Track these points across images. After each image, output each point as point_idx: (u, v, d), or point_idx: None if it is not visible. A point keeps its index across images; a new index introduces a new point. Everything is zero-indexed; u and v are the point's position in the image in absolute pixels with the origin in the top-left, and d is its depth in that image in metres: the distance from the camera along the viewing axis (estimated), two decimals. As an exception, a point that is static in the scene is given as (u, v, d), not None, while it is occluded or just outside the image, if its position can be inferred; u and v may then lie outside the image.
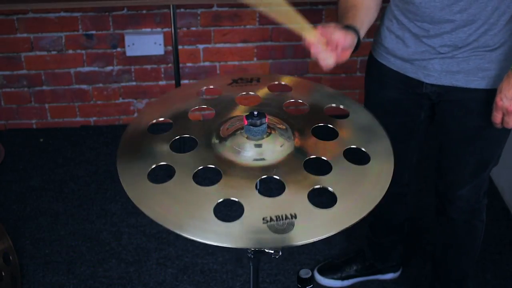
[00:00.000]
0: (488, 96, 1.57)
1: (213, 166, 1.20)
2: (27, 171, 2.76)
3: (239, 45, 2.95)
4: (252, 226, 1.08)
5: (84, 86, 2.99)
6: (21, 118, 3.05)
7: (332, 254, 2.32)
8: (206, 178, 1.18)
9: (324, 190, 1.16)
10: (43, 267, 2.26)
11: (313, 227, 1.08)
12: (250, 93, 1.45)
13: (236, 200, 1.13)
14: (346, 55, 1.39)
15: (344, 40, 1.35)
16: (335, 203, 1.13)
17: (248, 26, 2.90)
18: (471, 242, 1.93)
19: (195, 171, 1.18)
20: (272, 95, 1.44)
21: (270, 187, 1.18)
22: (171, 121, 1.34)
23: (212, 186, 1.15)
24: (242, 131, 1.26)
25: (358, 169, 1.22)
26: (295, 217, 1.09)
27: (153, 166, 1.20)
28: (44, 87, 2.97)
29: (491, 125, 1.56)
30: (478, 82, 1.58)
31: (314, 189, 1.16)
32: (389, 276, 2.23)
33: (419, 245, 2.34)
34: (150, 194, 1.14)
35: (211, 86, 1.49)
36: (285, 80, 1.52)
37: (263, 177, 1.18)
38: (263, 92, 1.45)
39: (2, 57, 2.87)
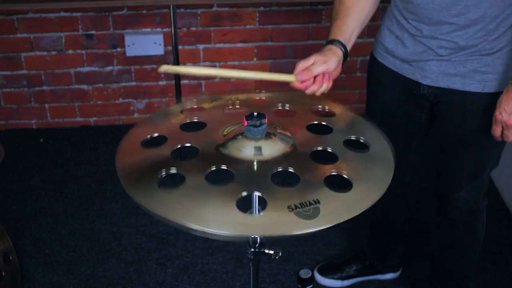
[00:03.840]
0: (485, 100, 1.57)
1: (224, 167, 1.20)
2: (27, 171, 2.76)
3: (239, 45, 2.95)
4: (279, 215, 1.09)
5: (84, 86, 2.99)
6: (21, 118, 3.05)
7: (332, 254, 2.32)
8: (216, 179, 1.18)
9: (335, 176, 1.19)
10: (43, 267, 2.26)
11: (338, 209, 1.11)
12: (237, 107, 1.46)
13: (259, 194, 1.14)
14: (337, 73, 1.46)
15: (327, 69, 1.41)
16: (350, 187, 1.16)
17: (248, 26, 2.90)
18: (471, 243, 1.93)
19: (205, 173, 1.18)
20: (257, 107, 1.44)
21: (284, 180, 1.19)
22: (164, 135, 1.32)
23: (227, 185, 1.15)
24: (242, 134, 1.27)
25: (362, 156, 1.27)
26: (318, 202, 1.11)
27: (163, 175, 1.18)
28: (44, 87, 2.97)
29: (489, 129, 1.56)
30: (475, 85, 1.57)
31: (327, 176, 1.19)
32: (389, 276, 2.23)
33: (419, 245, 2.34)
34: (170, 202, 1.12)
35: (194, 106, 1.49)
36: (264, 96, 1.53)
37: (276, 170, 1.19)
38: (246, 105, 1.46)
39: (2, 57, 2.87)
